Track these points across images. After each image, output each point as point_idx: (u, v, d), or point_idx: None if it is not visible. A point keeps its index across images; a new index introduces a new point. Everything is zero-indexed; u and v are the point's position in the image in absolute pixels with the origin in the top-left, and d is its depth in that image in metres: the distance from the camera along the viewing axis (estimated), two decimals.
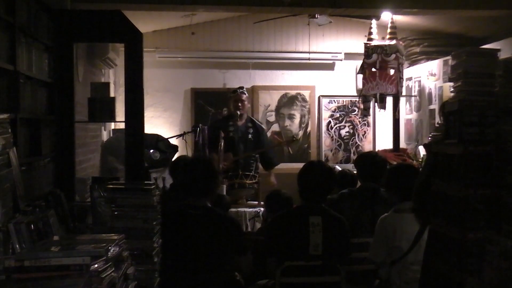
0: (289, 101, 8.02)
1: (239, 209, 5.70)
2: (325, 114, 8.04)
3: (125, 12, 4.53)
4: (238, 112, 6.37)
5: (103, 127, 6.62)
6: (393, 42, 6.25)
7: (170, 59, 7.70)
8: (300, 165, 3.79)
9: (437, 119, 6.27)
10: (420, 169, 3.96)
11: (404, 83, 6.60)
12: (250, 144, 6.39)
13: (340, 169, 5.91)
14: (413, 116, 7.30)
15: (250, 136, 6.40)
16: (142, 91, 4.51)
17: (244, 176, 5.92)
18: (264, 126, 7.09)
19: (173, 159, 5.22)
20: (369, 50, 6.29)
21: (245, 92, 6.49)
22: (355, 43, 7.58)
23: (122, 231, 2.55)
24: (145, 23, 6.59)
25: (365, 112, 6.70)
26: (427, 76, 6.84)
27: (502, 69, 2.77)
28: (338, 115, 8.04)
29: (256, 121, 6.74)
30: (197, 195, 3.50)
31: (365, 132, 8.06)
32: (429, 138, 3.29)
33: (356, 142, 8.03)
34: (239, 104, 6.36)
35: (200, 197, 3.50)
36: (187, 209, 3.48)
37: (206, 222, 3.45)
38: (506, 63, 2.79)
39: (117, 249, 2.22)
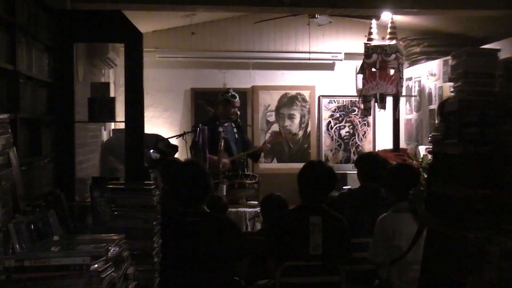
0: (289, 101, 8.02)
1: (239, 209, 5.69)
2: (325, 114, 8.04)
3: (125, 12, 4.53)
4: (233, 117, 6.45)
5: (103, 127, 6.62)
6: (393, 42, 6.25)
7: (170, 59, 7.70)
8: (300, 165, 3.79)
9: (437, 119, 6.27)
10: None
11: (404, 83, 6.60)
12: (238, 143, 6.47)
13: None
14: (413, 116, 7.30)
15: (236, 135, 6.49)
16: (142, 91, 4.51)
17: (244, 176, 5.91)
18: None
19: (163, 163, 5.19)
20: (369, 50, 6.29)
21: (238, 99, 6.53)
22: (355, 43, 7.58)
23: (122, 231, 2.55)
24: (145, 23, 6.59)
25: (365, 112, 6.70)
26: (427, 76, 6.84)
27: (502, 69, 2.77)
28: (338, 115, 8.04)
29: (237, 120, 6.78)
30: (192, 202, 3.48)
31: (365, 132, 8.05)
32: (429, 138, 3.29)
33: (356, 142, 8.03)
34: (232, 110, 6.42)
35: (195, 203, 3.49)
36: (185, 216, 3.46)
37: (206, 229, 3.43)
38: (506, 63, 2.79)
39: (117, 249, 2.22)
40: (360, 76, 6.54)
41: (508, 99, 2.68)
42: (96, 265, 2.00)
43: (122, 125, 4.78)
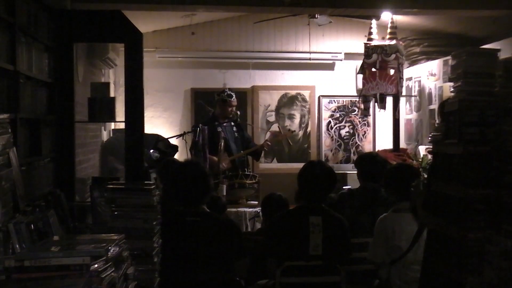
0: (289, 101, 8.03)
1: (239, 209, 5.69)
2: (325, 114, 8.04)
3: (125, 12, 4.54)
4: (232, 117, 6.46)
5: (103, 127, 6.62)
6: (393, 42, 6.25)
7: (170, 59, 7.70)
8: (300, 165, 3.79)
9: (437, 119, 6.28)
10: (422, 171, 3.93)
11: (404, 83, 6.60)
12: (238, 142, 6.47)
13: None
14: (413, 116, 7.30)
15: (236, 134, 6.49)
16: (142, 91, 4.52)
17: (244, 176, 5.92)
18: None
19: (161, 163, 5.19)
20: (369, 50, 6.29)
21: (234, 98, 6.53)
22: (355, 43, 7.58)
23: (122, 231, 2.55)
24: (145, 23, 6.59)
25: (365, 112, 6.70)
26: (427, 76, 6.84)
27: (502, 69, 2.77)
28: (338, 115, 8.04)
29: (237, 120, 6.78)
30: (192, 202, 3.48)
31: (365, 132, 8.05)
32: (429, 138, 3.28)
33: (356, 142, 8.03)
34: (230, 109, 6.43)
35: (195, 203, 3.49)
36: (185, 216, 3.45)
37: (206, 229, 3.42)
38: (506, 63, 2.79)
39: (117, 249, 2.22)
40: (360, 76, 6.54)
41: (508, 99, 2.68)
42: (96, 265, 2.00)
43: (122, 125, 4.78)
